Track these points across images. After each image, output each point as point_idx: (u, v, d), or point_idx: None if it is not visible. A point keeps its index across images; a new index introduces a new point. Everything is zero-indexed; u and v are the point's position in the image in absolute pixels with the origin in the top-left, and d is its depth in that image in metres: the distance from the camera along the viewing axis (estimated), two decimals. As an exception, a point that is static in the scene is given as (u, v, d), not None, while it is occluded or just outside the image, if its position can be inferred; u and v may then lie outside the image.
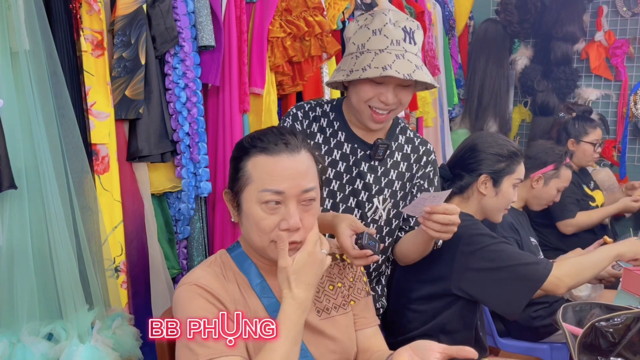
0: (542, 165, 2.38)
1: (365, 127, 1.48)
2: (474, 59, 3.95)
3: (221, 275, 1.13)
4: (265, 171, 1.08)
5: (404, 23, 1.39)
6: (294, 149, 1.10)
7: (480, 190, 1.73)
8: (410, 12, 2.98)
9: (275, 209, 1.08)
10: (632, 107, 3.70)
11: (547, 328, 2.23)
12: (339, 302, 1.24)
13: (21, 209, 1.42)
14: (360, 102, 1.42)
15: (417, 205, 1.32)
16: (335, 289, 1.25)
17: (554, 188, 2.40)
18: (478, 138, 1.80)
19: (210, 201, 2.06)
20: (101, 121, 1.62)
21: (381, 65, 1.34)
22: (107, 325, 1.54)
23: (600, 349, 1.23)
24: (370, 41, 1.38)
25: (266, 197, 1.07)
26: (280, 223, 1.08)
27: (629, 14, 3.68)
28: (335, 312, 1.22)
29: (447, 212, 1.29)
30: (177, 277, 1.96)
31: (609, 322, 1.22)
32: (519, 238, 2.18)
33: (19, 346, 1.39)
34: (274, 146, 1.09)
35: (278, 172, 1.07)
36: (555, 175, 2.40)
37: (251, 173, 1.09)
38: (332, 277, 1.26)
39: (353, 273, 1.29)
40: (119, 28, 1.64)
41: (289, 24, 2.15)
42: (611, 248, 1.74)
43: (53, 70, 1.47)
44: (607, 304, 1.40)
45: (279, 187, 1.07)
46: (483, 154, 1.74)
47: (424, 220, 1.32)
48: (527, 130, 4.06)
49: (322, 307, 1.21)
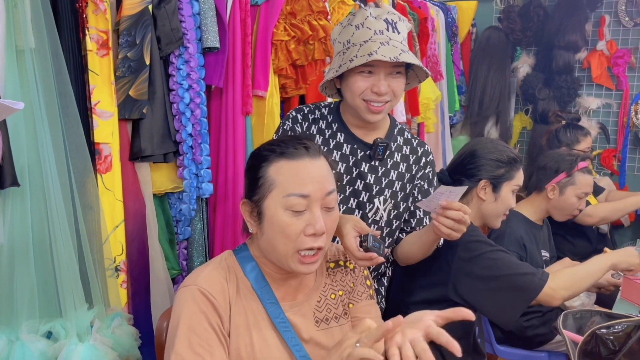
0: (554, 175, 2.31)
1: (365, 124, 1.49)
2: (476, 66, 3.96)
3: (224, 280, 1.12)
4: (290, 175, 1.07)
5: (385, 15, 1.42)
6: (315, 154, 1.10)
7: (479, 195, 1.73)
8: (413, 18, 2.99)
9: (300, 215, 1.07)
10: (632, 116, 3.70)
11: (540, 337, 2.22)
12: (339, 311, 1.22)
13: (23, 206, 1.42)
14: (355, 98, 1.43)
15: (432, 200, 1.31)
16: (336, 298, 1.23)
17: (572, 196, 2.30)
18: (478, 144, 1.80)
19: (211, 202, 2.06)
20: (105, 120, 1.62)
21: (367, 52, 1.36)
22: (107, 325, 1.54)
23: (600, 357, 1.23)
24: (354, 36, 1.41)
25: (292, 202, 1.06)
26: (306, 228, 1.07)
27: (631, 24, 3.70)
28: (335, 323, 1.21)
29: (462, 209, 1.29)
30: (176, 277, 1.96)
31: (609, 329, 1.23)
32: (524, 254, 2.15)
33: (18, 344, 1.39)
34: (294, 150, 1.08)
35: (303, 176, 1.07)
36: (570, 183, 2.30)
37: (274, 178, 1.07)
38: (334, 285, 1.25)
39: (354, 278, 1.28)
40: (124, 28, 1.65)
41: (293, 28, 2.15)
42: (605, 258, 1.73)
43: (58, 68, 1.47)
44: (607, 312, 1.41)
45: (305, 190, 1.06)
46: (483, 160, 1.74)
47: (437, 216, 1.31)
48: (528, 138, 4.07)
49: (321, 318, 1.19)
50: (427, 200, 1.33)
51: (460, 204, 1.30)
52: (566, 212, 2.33)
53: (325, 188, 1.08)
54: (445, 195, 1.29)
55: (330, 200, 1.09)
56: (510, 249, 2.10)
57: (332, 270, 1.25)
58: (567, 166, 2.31)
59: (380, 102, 1.43)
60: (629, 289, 1.82)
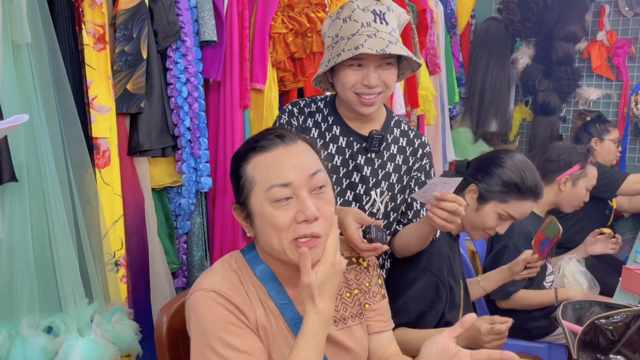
0: (567, 167, 2.32)
1: (359, 116, 1.49)
2: (475, 58, 3.96)
3: (238, 282, 1.07)
4: (266, 168, 1.03)
5: (373, 7, 1.41)
6: (289, 141, 1.06)
7: (466, 197, 1.65)
8: (412, 10, 2.98)
9: (287, 204, 1.02)
10: (633, 107, 3.70)
11: (541, 329, 2.23)
12: (355, 310, 1.19)
13: (22, 202, 1.42)
14: (346, 91, 1.43)
15: (427, 191, 1.30)
16: (352, 297, 1.20)
17: (583, 188, 2.33)
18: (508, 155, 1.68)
19: (211, 196, 2.06)
20: (102, 115, 1.62)
21: (353, 46, 1.36)
22: (107, 319, 1.54)
23: (599, 347, 1.23)
24: (342, 29, 1.41)
25: (275, 194, 1.01)
26: (296, 216, 1.01)
27: (631, 14, 3.68)
28: (352, 322, 1.18)
29: (457, 201, 1.28)
30: (176, 272, 1.96)
31: (608, 319, 1.23)
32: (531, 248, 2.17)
33: (19, 339, 1.39)
34: (267, 142, 1.05)
35: (280, 165, 1.03)
36: (583, 175, 2.33)
37: (253, 175, 1.04)
38: (349, 283, 1.21)
39: (369, 277, 1.24)
40: (121, 22, 1.64)
41: (291, 20, 2.15)
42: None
43: (55, 63, 1.46)
44: (606, 302, 1.41)
45: (284, 179, 1.01)
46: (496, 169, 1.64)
47: (431, 207, 1.30)
48: (528, 130, 4.06)
49: (339, 317, 1.16)
50: (421, 191, 1.32)
51: (455, 195, 1.28)
52: (575, 203, 2.35)
53: (307, 170, 1.03)
54: (439, 187, 1.28)
55: (318, 181, 1.04)
56: (518, 244, 2.10)
57: (347, 267, 1.20)
58: (581, 158, 2.33)
59: (371, 95, 1.42)
60: (629, 279, 1.83)
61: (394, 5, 1.47)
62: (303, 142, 1.09)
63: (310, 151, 1.09)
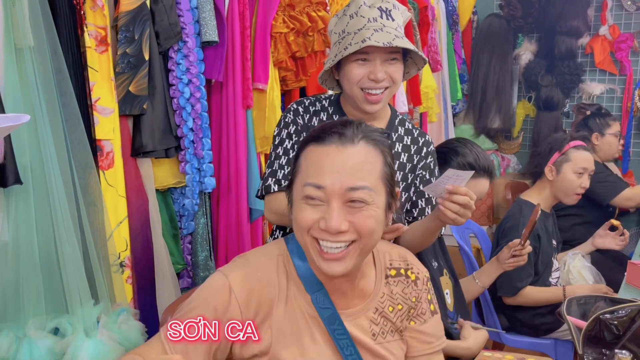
0: (549, 156, 2.33)
1: (364, 114, 1.49)
2: (477, 54, 3.95)
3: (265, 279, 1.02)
4: (312, 162, 0.98)
5: (379, 4, 1.43)
6: (347, 140, 0.97)
7: None
8: (413, 7, 2.97)
9: (316, 204, 0.96)
10: (636, 101, 3.68)
11: (547, 325, 2.22)
12: (396, 326, 1.12)
13: (27, 204, 1.42)
14: (353, 87, 1.44)
15: (439, 184, 1.28)
16: (394, 311, 1.12)
17: (569, 172, 2.27)
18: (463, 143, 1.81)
19: (215, 197, 2.07)
20: (105, 117, 1.62)
21: (360, 39, 1.37)
22: (113, 320, 1.54)
23: (604, 342, 1.23)
24: (349, 25, 1.42)
25: (307, 192, 0.96)
26: (320, 221, 0.96)
27: (633, 8, 3.67)
28: (391, 337, 1.11)
29: (468, 194, 1.27)
30: (181, 272, 1.97)
31: (613, 314, 1.22)
32: (538, 245, 2.17)
33: (26, 340, 1.40)
34: (325, 135, 0.98)
35: (322, 164, 0.96)
36: (565, 160, 2.28)
37: (302, 163, 1.00)
38: (394, 297, 1.12)
39: (417, 292, 1.15)
40: (122, 24, 1.65)
41: (292, 19, 2.15)
42: None
43: (57, 66, 1.47)
44: (611, 297, 1.40)
45: (320, 181, 0.95)
46: (454, 158, 1.76)
47: (443, 201, 1.29)
48: (531, 126, 4.05)
49: (377, 331, 1.09)
50: (433, 184, 1.31)
51: (467, 189, 1.27)
52: (569, 191, 2.30)
53: (347, 182, 0.94)
54: (452, 180, 1.26)
55: (357, 195, 0.95)
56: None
57: (393, 279, 1.13)
58: (558, 144, 2.33)
59: (379, 89, 1.43)
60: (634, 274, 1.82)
61: (398, 4, 1.47)
62: (367, 146, 0.99)
63: (370, 159, 0.99)
